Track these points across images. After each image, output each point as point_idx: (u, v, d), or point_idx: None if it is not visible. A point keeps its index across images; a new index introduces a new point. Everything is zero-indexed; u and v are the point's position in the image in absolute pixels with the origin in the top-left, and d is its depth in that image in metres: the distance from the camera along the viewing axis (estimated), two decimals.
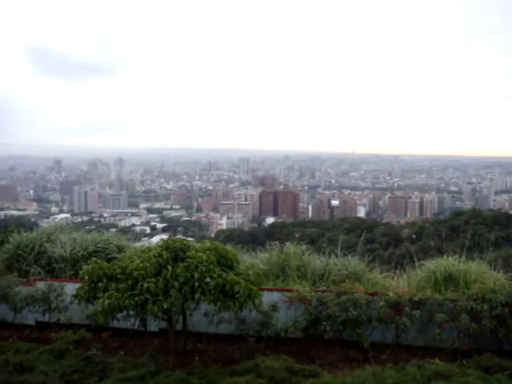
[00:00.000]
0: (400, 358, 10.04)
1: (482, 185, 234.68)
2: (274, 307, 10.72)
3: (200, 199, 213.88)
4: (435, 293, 10.86)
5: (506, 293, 10.34)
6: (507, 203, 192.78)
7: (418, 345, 10.51)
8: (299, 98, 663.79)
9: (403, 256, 15.49)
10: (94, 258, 9.52)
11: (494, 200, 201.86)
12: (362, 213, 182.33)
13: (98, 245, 13.68)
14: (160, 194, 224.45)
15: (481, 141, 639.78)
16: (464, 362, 9.45)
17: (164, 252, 8.98)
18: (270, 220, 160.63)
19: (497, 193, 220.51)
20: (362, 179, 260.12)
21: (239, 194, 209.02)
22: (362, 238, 17.63)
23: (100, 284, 8.74)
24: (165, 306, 8.39)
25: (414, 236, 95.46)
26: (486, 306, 10.08)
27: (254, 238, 77.31)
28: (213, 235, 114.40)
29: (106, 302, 8.34)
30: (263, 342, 10.52)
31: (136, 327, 11.00)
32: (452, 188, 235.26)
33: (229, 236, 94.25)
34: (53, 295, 11.39)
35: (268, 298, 10.73)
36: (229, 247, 10.09)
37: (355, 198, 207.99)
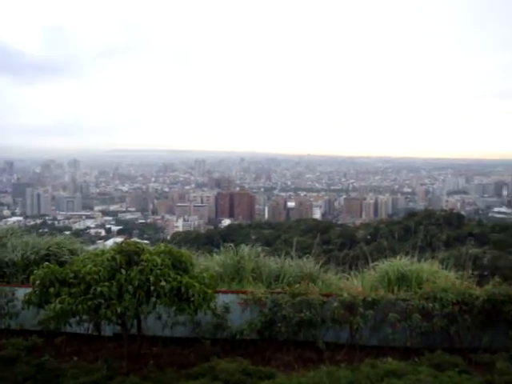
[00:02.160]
0: (354, 357, 10.15)
1: (434, 186, 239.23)
2: (229, 310, 10.71)
3: (156, 201, 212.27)
4: (388, 293, 11.03)
5: (457, 291, 10.57)
6: (459, 204, 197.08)
7: (371, 344, 10.64)
8: (255, 99, 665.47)
9: (358, 257, 15.66)
10: (46, 263, 9.34)
11: (446, 201, 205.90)
12: (317, 214, 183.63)
13: (51, 248, 13.44)
14: (115, 196, 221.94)
15: (433, 143, 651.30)
16: (416, 359, 9.60)
17: (118, 255, 8.88)
18: (226, 222, 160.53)
19: (449, 194, 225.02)
20: (318, 181, 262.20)
21: (195, 196, 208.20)
22: (317, 240, 17.81)
23: (52, 289, 8.58)
24: (118, 310, 8.29)
25: (368, 237, 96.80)
26: (437, 305, 10.30)
27: (210, 241, 77.11)
28: (169, 238, 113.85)
29: (58, 306, 8.20)
30: (219, 345, 10.49)
31: (90, 332, 10.86)
32: (406, 189, 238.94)
33: (185, 238, 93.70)
34: (3, 301, 11.15)
35: (223, 300, 10.70)
36: (183, 250, 10.03)
37: (311, 199, 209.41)
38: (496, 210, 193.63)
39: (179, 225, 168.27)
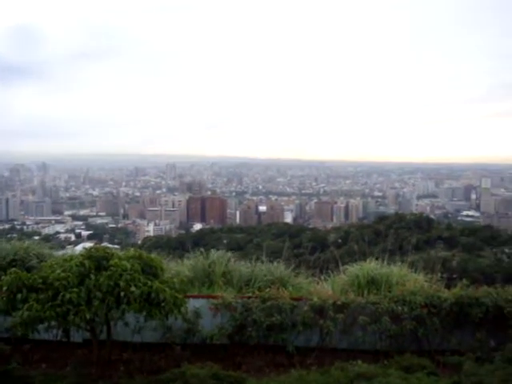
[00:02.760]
0: (325, 361, 10.20)
1: (404, 190, 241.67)
2: (200, 314, 10.68)
3: (127, 206, 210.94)
4: (358, 296, 11.13)
5: (425, 294, 10.72)
6: (428, 207, 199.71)
7: (342, 347, 10.70)
8: (226, 103, 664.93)
9: (329, 260, 15.73)
10: (14, 268, 9.20)
11: (416, 204, 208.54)
12: (289, 218, 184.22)
13: (18, 254, 13.24)
14: (85, 200, 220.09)
15: (403, 147, 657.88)
16: (386, 362, 9.69)
17: (86, 261, 8.78)
18: (197, 226, 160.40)
19: (419, 197, 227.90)
20: (289, 185, 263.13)
21: (166, 201, 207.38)
22: (287, 244, 17.85)
23: (19, 295, 8.45)
24: (87, 316, 8.20)
25: (339, 240, 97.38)
26: (406, 308, 10.43)
27: (181, 245, 76.67)
28: (140, 242, 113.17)
29: (26, 313, 8.08)
30: (189, 350, 10.44)
31: (59, 338, 10.73)
32: (376, 193, 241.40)
33: (156, 243, 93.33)
34: None
35: (194, 305, 10.67)
36: (154, 255, 9.96)
37: (282, 203, 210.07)
38: (465, 213, 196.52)
39: (150, 229, 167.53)
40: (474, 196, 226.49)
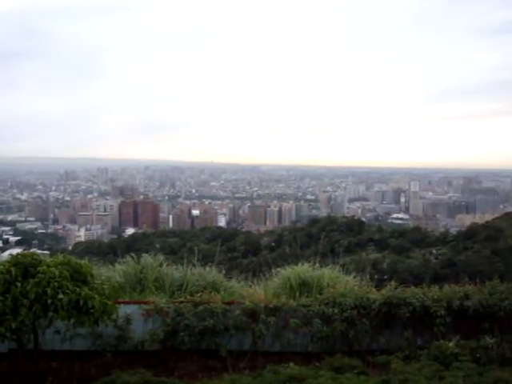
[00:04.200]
0: (257, 364, 10.23)
1: (336, 193, 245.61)
2: (132, 320, 10.54)
3: (57, 210, 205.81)
4: (290, 299, 11.21)
5: (355, 296, 10.94)
6: (359, 210, 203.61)
7: (274, 350, 10.77)
8: (159, 106, 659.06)
9: (262, 264, 15.81)
10: None
11: (348, 207, 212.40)
12: (222, 222, 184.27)
13: None
14: (13, 205, 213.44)
15: (334, 151, 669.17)
16: (317, 363, 9.81)
17: (13, 268, 8.54)
18: (130, 231, 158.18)
19: (350, 201, 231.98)
20: (222, 189, 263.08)
21: (98, 205, 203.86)
22: (219, 248, 17.87)
23: None
24: (13, 325, 7.97)
25: (273, 244, 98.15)
26: (336, 310, 10.61)
27: (113, 250, 75.49)
28: (70, 248, 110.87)
29: None
30: (121, 357, 10.29)
31: None
32: (309, 196, 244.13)
33: (87, 248, 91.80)
34: None
35: (125, 311, 10.52)
36: (83, 261, 9.78)
37: (216, 207, 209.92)
38: (394, 215, 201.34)
39: (81, 234, 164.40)
40: (403, 199, 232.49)
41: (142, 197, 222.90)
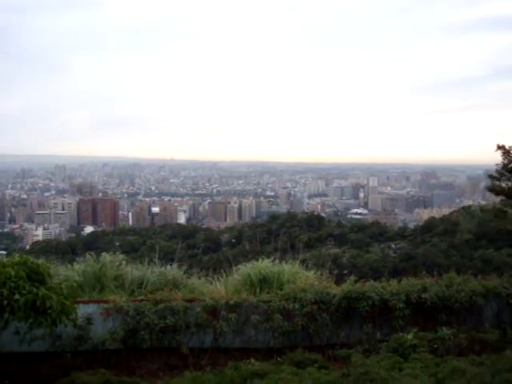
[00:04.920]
0: (219, 361, 10.22)
1: (296, 189, 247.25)
2: (91, 320, 10.42)
3: (13, 209, 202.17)
4: (250, 295, 11.24)
5: (315, 291, 11.01)
6: (319, 206, 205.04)
7: (236, 347, 10.79)
8: (116, 102, 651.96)
9: (223, 260, 15.81)
10: None
11: (308, 203, 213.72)
12: (182, 219, 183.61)
13: None
14: None
15: (293, 147, 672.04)
16: (278, 359, 9.86)
17: None
18: (89, 229, 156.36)
19: (310, 196, 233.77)
20: (182, 185, 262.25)
21: (56, 203, 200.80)
22: (180, 245, 17.80)
23: None
24: None
25: (233, 240, 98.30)
26: (297, 305, 10.67)
27: (72, 249, 74.57)
28: (28, 247, 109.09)
29: None
30: (81, 357, 10.15)
31: None
32: (269, 193, 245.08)
33: (45, 248, 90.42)
34: None
35: (84, 310, 10.39)
36: (41, 261, 9.61)
37: (176, 204, 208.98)
38: (354, 211, 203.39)
39: (39, 233, 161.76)
40: (362, 194, 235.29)
41: (100, 194, 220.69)
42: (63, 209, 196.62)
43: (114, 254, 13.06)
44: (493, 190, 13.15)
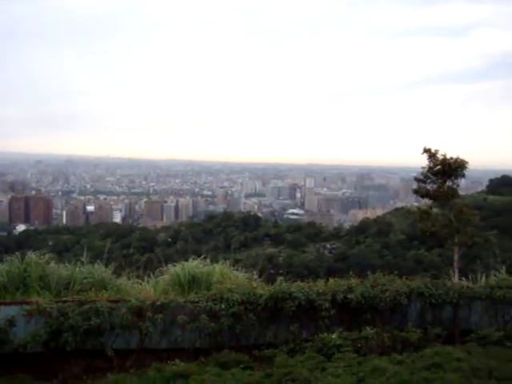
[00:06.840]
0: (144, 362, 10.12)
1: (233, 189, 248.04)
2: (14, 322, 10.14)
3: None
4: (178, 296, 11.21)
5: (243, 291, 11.07)
6: (256, 206, 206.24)
7: (162, 347, 10.71)
8: (51, 97, 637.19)
9: (156, 260, 15.72)
10: None
11: (245, 203, 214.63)
12: (118, 218, 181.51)
13: None
14: None
15: (230, 147, 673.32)
16: (203, 359, 9.88)
17: None
18: (21, 228, 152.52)
19: (247, 196, 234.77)
20: (118, 184, 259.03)
21: None
22: (113, 244, 17.56)
23: None
24: None
25: (169, 239, 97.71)
26: (223, 306, 10.69)
27: (3, 248, 72.60)
28: None
29: None
30: (0, 362, 9.89)
31: None
32: (206, 192, 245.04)
33: None
34: None
35: (5, 312, 10.13)
36: None
37: (111, 202, 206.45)
38: (290, 211, 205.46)
39: None
40: (298, 195, 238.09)
41: (33, 192, 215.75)
42: None
43: (42, 254, 12.78)
44: (418, 192, 13.47)
